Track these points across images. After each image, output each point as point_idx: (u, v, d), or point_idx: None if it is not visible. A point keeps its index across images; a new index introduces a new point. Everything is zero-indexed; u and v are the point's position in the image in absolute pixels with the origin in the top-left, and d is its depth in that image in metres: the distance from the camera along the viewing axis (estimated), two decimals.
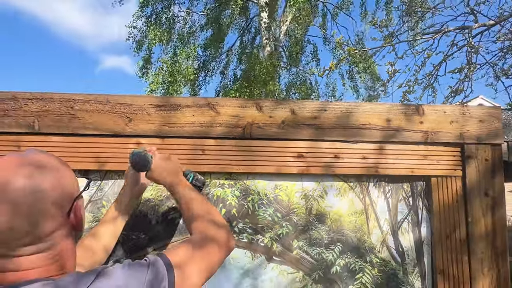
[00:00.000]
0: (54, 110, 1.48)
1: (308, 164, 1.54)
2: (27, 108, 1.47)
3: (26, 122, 1.47)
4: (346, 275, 1.53)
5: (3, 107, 1.47)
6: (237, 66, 8.44)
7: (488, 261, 1.51)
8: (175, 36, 7.50)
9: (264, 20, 7.02)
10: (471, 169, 1.56)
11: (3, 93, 1.48)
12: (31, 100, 1.48)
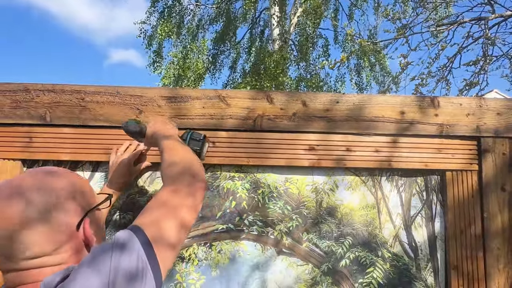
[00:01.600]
0: (65, 102, 1.48)
1: (319, 157, 1.52)
2: (39, 100, 1.48)
3: (37, 113, 1.48)
4: (357, 269, 1.52)
5: (15, 99, 1.48)
6: (246, 60, 8.40)
7: (504, 257, 1.47)
8: (184, 30, 7.52)
9: (276, 14, 6.94)
10: (488, 163, 1.52)
11: (15, 84, 1.49)
12: (42, 91, 1.48)
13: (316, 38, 7.94)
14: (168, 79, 7.56)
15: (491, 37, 3.60)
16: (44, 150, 1.48)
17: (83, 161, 1.52)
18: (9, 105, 1.47)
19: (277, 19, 7.05)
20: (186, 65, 6.73)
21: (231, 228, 1.53)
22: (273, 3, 6.98)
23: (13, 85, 1.48)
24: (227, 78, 9.27)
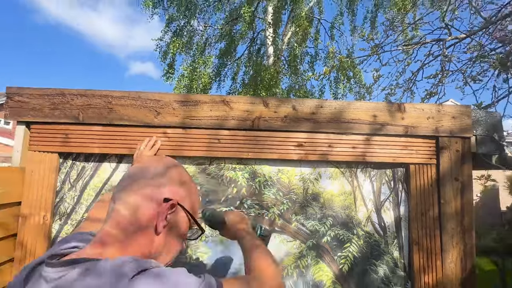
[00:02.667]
0: (95, 104, 1.47)
1: (306, 152, 1.52)
2: (73, 103, 1.47)
3: (72, 114, 1.46)
4: (336, 244, 1.52)
5: (53, 101, 1.46)
6: (246, 73, 8.37)
7: (456, 236, 1.47)
8: (194, 47, 7.51)
9: (270, 34, 6.95)
10: (444, 158, 1.52)
11: (53, 89, 1.47)
12: (76, 95, 1.47)
13: (303, 55, 7.96)
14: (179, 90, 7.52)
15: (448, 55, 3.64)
16: (77, 145, 1.47)
17: (110, 154, 1.51)
18: (48, 107, 1.46)
19: (271, 39, 7.06)
20: (195, 77, 6.71)
21: (234, 210, 1.52)
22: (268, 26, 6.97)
23: (51, 90, 1.47)
24: (230, 88, 9.26)
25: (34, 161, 1.43)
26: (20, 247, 1.38)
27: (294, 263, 1.50)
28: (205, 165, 1.53)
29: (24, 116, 1.44)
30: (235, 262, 1.49)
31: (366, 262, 1.51)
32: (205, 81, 7.35)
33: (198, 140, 1.49)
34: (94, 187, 1.50)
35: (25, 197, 1.40)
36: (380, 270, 1.50)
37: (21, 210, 1.39)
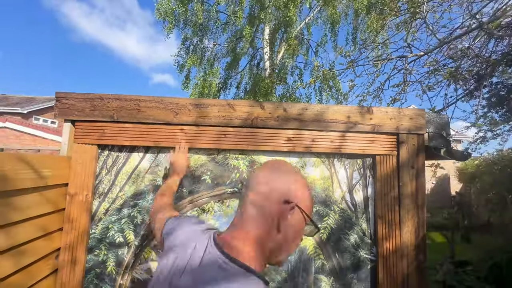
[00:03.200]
0: (127, 106, 1.49)
1: (294, 145, 1.53)
2: (109, 105, 1.48)
3: (108, 114, 1.48)
4: (317, 218, 1.54)
5: (93, 104, 1.48)
6: (247, 83, 8.37)
7: (411, 210, 1.50)
8: (205, 61, 7.51)
9: (267, 51, 6.97)
10: (403, 150, 1.55)
11: (93, 94, 1.49)
12: (111, 99, 1.49)
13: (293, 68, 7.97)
14: (194, 96, 7.53)
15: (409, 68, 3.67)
16: (112, 138, 1.49)
17: (138, 146, 1.53)
18: (89, 108, 1.48)
19: (268, 55, 7.07)
20: (206, 85, 6.71)
21: (236, 191, 1.54)
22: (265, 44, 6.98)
23: (92, 94, 1.49)
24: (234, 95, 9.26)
25: (78, 151, 1.46)
26: (67, 219, 1.41)
27: None
28: (214, 155, 1.56)
29: (70, 115, 1.46)
30: None
31: (341, 232, 1.54)
32: (214, 89, 7.34)
33: (208, 135, 1.51)
34: (125, 172, 1.53)
35: (71, 180, 1.43)
36: (351, 238, 1.54)
37: (68, 190, 1.42)
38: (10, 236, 1.05)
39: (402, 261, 1.48)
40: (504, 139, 7.87)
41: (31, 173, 1.15)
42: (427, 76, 3.73)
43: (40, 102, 17.66)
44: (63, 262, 1.38)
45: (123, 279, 1.45)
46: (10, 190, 1.04)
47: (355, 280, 1.52)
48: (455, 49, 3.57)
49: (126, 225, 1.48)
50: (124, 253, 1.47)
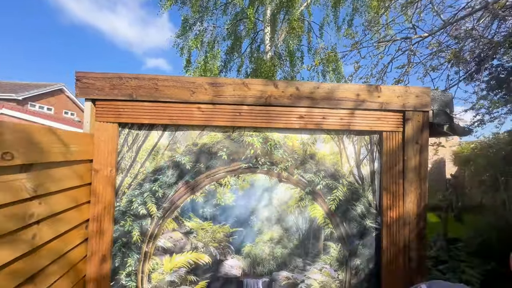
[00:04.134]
0: (145, 85, 1.53)
1: (306, 122, 1.60)
2: (128, 84, 1.53)
3: (127, 93, 1.53)
4: (327, 191, 1.65)
5: (112, 83, 1.52)
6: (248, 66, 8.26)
7: (415, 183, 1.61)
8: (205, 44, 7.35)
9: (268, 33, 6.80)
10: (408, 127, 1.62)
11: (112, 74, 1.52)
12: (130, 78, 1.53)
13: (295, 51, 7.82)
14: None
15: (414, 50, 3.68)
16: (132, 117, 1.54)
17: (156, 124, 1.59)
18: (108, 87, 1.52)
19: (269, 38, 6.93)
20: (207, 68, 6.62)
21: (251, 166, 1.62)
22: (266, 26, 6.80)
23: (111, 74, 1.52)
24: None
25: (100, 130, 1.52)
26: (94, 193, 1.50)
27: (296, 204, 1.64)
28: (229, 132, 1.63)
29: (91, 94, 1.51)
30: (251, 202, 1.63)
31: (348, 203, 1.65)
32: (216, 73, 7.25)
33: (224, 113, 1.57)
34: (145, 149, 1.60)
35: (95, 156, 1.50)
36: (358, 208, 1.65)
37: (93, 166, 1.50)
38: (49, 205, 1.14)
39: (404, 228, 1.61)
40: (501, 122, 8.00)
41: (62, 147, 1.22)
42: (430, 58, 3.75)
43: (35, 88, 17.31)
44: (92, 232, 1.48)
45: (148, 247, 1.57)
46: (47, 162, 1.11)
47: (361, 246, 1.65)
48: (459, 30, 3.57)
49: (149, 199, 1.58)
50: (147, 224, 1.57)
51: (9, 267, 0.93)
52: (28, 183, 1.00)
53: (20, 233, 0.97)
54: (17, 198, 0.94)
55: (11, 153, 0.90)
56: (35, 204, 1.04)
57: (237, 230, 1.62)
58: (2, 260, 0.89)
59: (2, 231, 0.88)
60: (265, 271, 1.62)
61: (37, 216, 1.05)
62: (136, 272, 1.55)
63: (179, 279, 1.58)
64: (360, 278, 1.64)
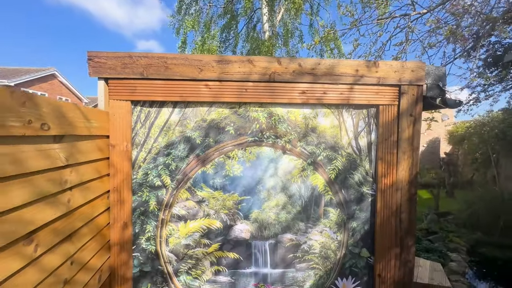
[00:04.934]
0: (155, 64, 1.60)
1: (308, 97, 1.70)
2: (138, 63, 1.60)
3: (138, 71, 1.60)
4: (327, 161, 1.79)
5: (124, 62, 1.59)
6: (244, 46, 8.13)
7: (407, 152, 1.75)
8: (201, 24, 7.16)
9: (266, 12, 6.64)
10: (404, 100, 1.73)
11: (123, 53, 1.59)
12: (140, 57, 1.60)
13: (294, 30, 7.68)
14: None
15: (412, 26, 3.69)
16: (143, 94, 1.63)
17: (167, 101, 1.68)
18: (120, 66, 1.59)
19: (267, 17, 6.77)
20: (205, 48, 6.53)
21: (257, 139, 1.74)
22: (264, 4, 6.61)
23: (121, 53, 1.58)
24: None
25: (114, 107, 1.61)
26: (112, 166, 1.62)
27: (298, 174, 1.78)
28: (235, 108, 1.73)
29: (103, 73, 1.58)
30: (257, 173, 1.77)
31: (347, 172, 1.80)
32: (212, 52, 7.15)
33: (231, 90, 1.66)
34: (158, 125, 1.70)
35: (112, 132, 1.61)
36: (355, 177, 1.80)
37: (110, 141, 1.61)
38: (78, 174, 1.26)
39: (397, 194, 1.77)
40: (496, 99, 8.14)
41: (86, 122, 1.32)
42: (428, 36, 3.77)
43: (26, 73, 16.89)
44: (114, 202, 1.62)
45: (164, 215, 1.72)
46: (75, 135, 1.22)
47: (358, 210, 1.82)
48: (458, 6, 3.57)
49: (163, 171, 1.71)
50: (163, 194, 1.72)
51: (53, 225, 1.07)
52: (61, 153, 1.11)
53: (58, 196, 1.10)
54: (54, 165, 1.06)
55: (47, 124, 1.00)
56: (68, 172, 1.16)
57: (245, 198, 1.77)
58: (47, 218, 1.02)
59: (45, 193, 1.01)
60: (271, 234, 1.80)
61: (70, 183, 1.17)
62: (154, 237, 1.72)
63: (193, 242, 1.75)
64: (356, 238, 1.83)
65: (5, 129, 0.81)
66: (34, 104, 0.93)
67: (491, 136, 9.25)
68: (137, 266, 1.71)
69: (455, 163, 11.53)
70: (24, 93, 0.88)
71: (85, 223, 1.32)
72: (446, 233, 5.48)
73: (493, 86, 7.23)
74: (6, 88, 0.80)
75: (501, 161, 9.20)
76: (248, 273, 1.79)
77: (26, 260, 0.90)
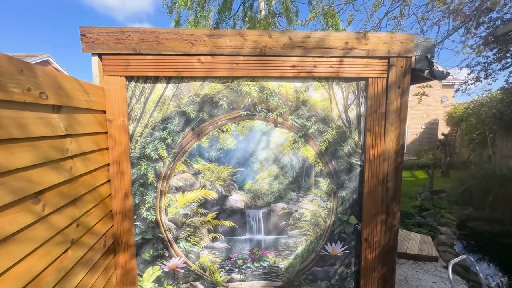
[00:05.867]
0: (147, 39, 1.63)
1: (298, 71, 1.74)
2: (131, 38, 1.62)
3: (131, 46, 1.63)
4: (318, 134, 1.86)
5: (116, 37, 1.61)
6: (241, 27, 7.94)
7: (394, 123, 1.81)
8: (195, 3, 6.96)
9: None
10: (392, 72, 1.78)
11: (115, 28, 1.61)
12: (132, 32, 1.62)
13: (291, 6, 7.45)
14: None
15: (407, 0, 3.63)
16: (137, 70, 1.66)
17: (160, 76, 1.72)
18: (112, 42, 1.61)
19: None
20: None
21: (249, 113, 1.80)
22: None
23: (113, 28, 1.60)
24: None
25: (109, 83, 1.66)
26: (111, 139, 1.69)
27: (290, 146, 1.86)
28: (228, 82, 1.77)
29: (97, 49, 1.61)
30: (250, 146, 1.84)
31: (337, 144, 1.88)
32: None
33: (223, 64, 1.69)
34: (152, 100, 1.76)
35: (108, 108, 1.66)
36: (345, 148, 1.88)
37: (107, 116, 1.67)
38: (78, 144, 1.33)
39: (384, 163, 1.86)
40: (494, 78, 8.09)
41: (85, 95, 1.37)
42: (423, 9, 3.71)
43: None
44: (114, 174, 1.71)
45: (162, 186, 1.82)
46: (73, 107, 1.28)
47: (347, 180, 1.92)
48: None
49: (159, 145, 1.79)
50: (160, 167, 1.80)
51: (58, 189, 1.15)
52: (61, 122, 1.17)
53: (61, 163, 1.17)
54: (55, 133, 1.13)
55: (45, 93, 1.06)
56: (68, 141, 1.23)
57: (239, 170, 1.86)
58: (53, 181, 1.11)
59: (49, 158, 1.08)
60: (264, 203, 1.91)
61: (71, 151, 1.25)
62: (154, 207, 1.82)
63: (191, 212, 1.86)
64: (345, 206, 1.94)
65: (8, 94, 0.87)
66: (32, 73, 0.99)
67: (489, 116, 9.30)
68: (139, 234, 1.83)
69: (451, 144, 11.66)
70: (21, 61, 0.93)
71: (88, 191, 1.41)
72: (438, 210, 5.68)
73: (492, 64, 7.17)
74: (4, 54, 0.86)
75: (497, 141, 9.31)
76: (243, 239, 1.92)
77: (35, 217, 1.00)
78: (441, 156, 10.77)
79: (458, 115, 12.26)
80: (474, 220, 5.22)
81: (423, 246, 3.94)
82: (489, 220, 5.09)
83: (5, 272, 0.85)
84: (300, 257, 1.95)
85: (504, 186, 5.15)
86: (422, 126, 15.25)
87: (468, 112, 11.14)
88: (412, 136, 15.04)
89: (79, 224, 1.31)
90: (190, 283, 1.90)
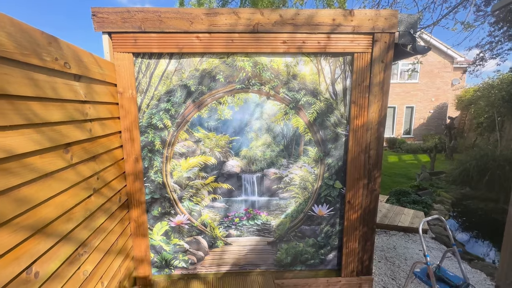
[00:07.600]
0: (151, 18, 1.80)
1: (289, 46, 1.90)
2: (136, 17, 1.80)
3: (137, 25, 1.81)
4: (307, 105, 2.04)
5: (123, 17, 1.80)
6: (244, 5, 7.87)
7: (377, 95, 1.98)
8: None
9: None
10: (376, 48, 1.92)
11: (121, 8, 1.79)
12: (137, 12, 1.80)
13: None
14: None
15: None
16: (143, 46, 1.86)
17: (163, 52, 1.91)
18: (120, 21, 1.80)
19: None
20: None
21: (244, 87, 1.99)
22: None
23: (120, 8, 1.78)
24: None
25: (118, 59, 1.87)
26: (122, 109, 1.92)
27: (281, 117, 2.06)
28: (224, 58, 1.95)
29: (107, 28, 1.80)
30: (245, 116, 2.05)
31: (324, 115, 2.06)
32: None
33: (219, 41, 1.87)
34: (157, 75, 1.96)
35: (118, 81, 1.89)
36: (332, 119, 2.07)
37: (118, 89, 1.89)
38: (96, 110, 1.57)
39: (367, 133, 2.05)
40: (504, 58, 7.90)
41: (99, 69, 1.59)
42: None
43: None
44: (125, 140, 1.96)
45: (167, 152, 2.07)
46: (90, 78, 1.51)
47: (333, 149, 2.12)
48: None
49: (164, 115, 2.02)
50: (165, 135, 2.04)
51: (81, 145, 1.41)
52: (81, 90, 1.41)
53: (83, 124, 1.42)
54: (77, 98, 1.36)
55: (68, 63, 1.28)
56: (87, 106, 1.47)
57: (235, 139, 2.08)
58: (78, 137, 1.36)
59: (74, 118, 1.33)
60: (258, 169, 2.14)
61: (90, 115, 1.49)
62: (161, 170, 2.09)
63: (193, 175, 2.12)
64: (331, 172, 2.15)
65: (42, 61, 1.09)
66: (58, 45, 1.21)
67: (498, 99, 9.13)
68: (149, 194, 2.11)
69: (456, 127, 11.55)
70: (49, 35, 1.15)
71: (105, 151, 1.67)
72: (436, 189, 5.85)
73: (502, 44, 6.99)
74: (37, 29, 1.07)
75: (505, 124, 9.20)
76: (240, 200, 2.18)
77: (65, 163, 1.25)
78: (446, 139, 10.74)
79: (468, 99, 12.02)
80: (469, 199, 5.38)
81: (414, 220, 4.17)
82: (485, 199, 5.25)
83: (48, 200, 1.12)
84: (290, 216, 2.21)
85: (502, 167, 5.25)
86: (430, 110, 15.02)
87: (478, 95, 10.92)
88: (419, 121, 14.87)
89: (99, 177, 1.58)
90: (194, 237, 2.20)
